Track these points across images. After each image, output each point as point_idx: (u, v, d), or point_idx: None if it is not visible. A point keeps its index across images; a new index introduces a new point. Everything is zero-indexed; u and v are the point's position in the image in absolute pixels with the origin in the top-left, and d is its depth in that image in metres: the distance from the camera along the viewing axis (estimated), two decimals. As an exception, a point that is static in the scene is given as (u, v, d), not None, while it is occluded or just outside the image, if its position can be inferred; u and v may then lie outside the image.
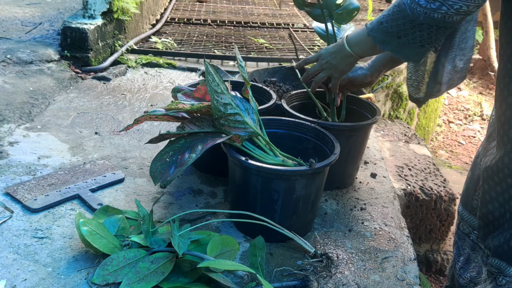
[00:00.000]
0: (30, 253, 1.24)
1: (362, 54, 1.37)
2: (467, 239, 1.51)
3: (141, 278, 1.12)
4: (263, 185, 1.31)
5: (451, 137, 4.51)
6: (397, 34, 1.19)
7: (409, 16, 1.14)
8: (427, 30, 1.14)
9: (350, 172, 1.73)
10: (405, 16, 1.15)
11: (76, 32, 2.60)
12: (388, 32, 1.20)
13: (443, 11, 1.09)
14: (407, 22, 1.15)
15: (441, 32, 1.15)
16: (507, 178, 1.20)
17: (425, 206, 2.15)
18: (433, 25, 1.13)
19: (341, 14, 1.61)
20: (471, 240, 1.49)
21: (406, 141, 2.54)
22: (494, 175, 1.24)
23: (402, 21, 1.16)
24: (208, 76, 1.26)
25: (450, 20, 1.11)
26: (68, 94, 2.35)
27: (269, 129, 1.50)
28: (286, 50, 3.20)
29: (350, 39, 1.36)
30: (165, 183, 1.23)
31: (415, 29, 1.15)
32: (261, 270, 1.22)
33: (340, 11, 1.61)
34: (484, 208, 1.29)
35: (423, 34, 1.16)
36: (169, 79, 2.67)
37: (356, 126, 1.60)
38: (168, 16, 3.84)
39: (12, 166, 1.64)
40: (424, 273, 2.31)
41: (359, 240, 1.44)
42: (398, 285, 1.27)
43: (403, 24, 1.16)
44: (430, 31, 1.14)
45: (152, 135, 1.97)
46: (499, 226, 1.26)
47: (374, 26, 1.24)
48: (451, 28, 1.16)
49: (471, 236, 1.49)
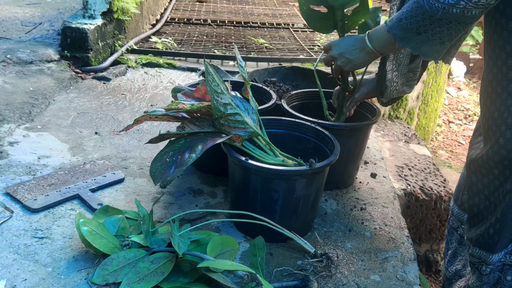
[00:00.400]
0: (30, 253, 1.24)
1: (382, 51, 1.36)
2: (455, 233, 1.54)
3: (141, 278, 1.12)
4: (263, 185, 1.31)
5: (451, 137, 4.51)
6: (417, 30, 1.18)
7: (427, 12, 1.13)
8: (447, 25, 1.14)
9: (350, 172, 1.73)
10: (424, 12, 1.14)
11: (76, 32, 2.60)
12: (408, 29, 1.19)
13: (461, 6, 1.08)
14: (426, 18, 1.15)
15: (460, 27, 1.14)
16: (493, 170, 1.24)
17: (425, 206, 2.15)
18: (452, 20, 1.12)
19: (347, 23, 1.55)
20: (459, 234, 1.52)
21: (406, 141, 2.54)
22: (481, 167, 1.28)
23: (421, 17, 1.15)
24: (208, 76, 1.26)
25: (469, 15, 1.10)
26: (68, 94, 2.35)
27: (269, 129, 1.50)
28: (286, 50, 3.20)
29: (371, 36, 1.35)
30: (165, 183, 1.23)
31: (434, 25, 1.15)
32: (261, 270, 1.22)
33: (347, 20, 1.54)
34: (471, 200, 1.33)
35: (442, 30, 1.15)
36: (169, 79, 2.67)
37: (356, 126, 1.60)
38: (168, 16, 3.84)
39: (12, 166, 1.64)
40: (424, 273, 2.31)
41: (359, 240, 1.44)
42: (398, 285, 1.27)
43: (422, 20, 1.15)
44: (449, 26, 1.14)
45: (152, 135, 1.97)
46: (483, 218, 1.30)
47: (393, 23, 1.23)
48: (471, 23, 1.15)
49: (459, 231, 1.53)
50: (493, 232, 1.27)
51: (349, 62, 1.42)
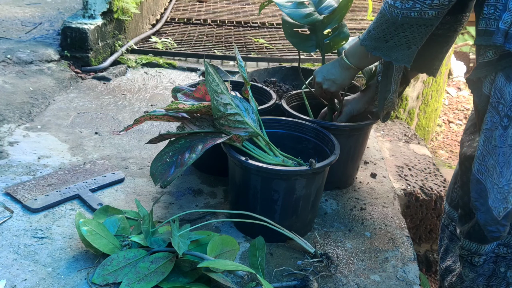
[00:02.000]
0: (30, 253, 1.24)
1: (359, 64, 1.44)
2: (446, 231, 1.57)
3: (141, 278, 1.12)
4: (263, 185, 1.31)
5: (451, 137, 4.51)
6: (384, 38, 1.25)
7: (390, 19, 1.21)
8: (409, 29, 1.20)
9: (350, 172, 1.73)
10: (387, 20, 1.21)
11: (76, 32, 2.60)
12: (377, 38, 1.27)
13: (417, 9, 1.15)
14: (390, 25, 1.22)
15: (422, 30, 1.20)
16: None
17: (425, 206, 2.15)
18: (413, 24, 1.18)
19: (329, 43, 1.65)
20: (450, 231, 1.55)
21: (406, 141, 2.54)
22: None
23: (386, 25, 1.23)
24: (208, 76, 1.26)
25: (426, 17, 1.16)
26: (68, 94, 2.35)
27: (269, 129, 1.50)
28: (286, 50, 3.20)
29: (347, 53, 1.44)
30: (166, 183, 1.23)
31: (398, 30, 1.21)
32: (261, 270, 1.22)
33: (328, 40, 1.65)
34: (466, 196, 1.35)
35: (406, 34, 1.21)
36: (169, 79, 2.67)
37: (356, 126, 1.60)
38: (168, 16, 3.84)
39: (12, 166, 1.64)
40: (424, 273, 2.31)
41: (359, 240, 1.44)
42: (398, 285, 1.27)
43: (387, 28, 1.23)
44: (412, 30, 1.20)
45: (152, 135, 1.97)
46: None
47: (364, 36, 1.32)
48: (431, 25, 1.20)
49: (450, 228, 1.55)
50: None
51: (333, 82, 1.50)
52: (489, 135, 1.18)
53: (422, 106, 3.29)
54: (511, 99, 1.12)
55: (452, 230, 1.54)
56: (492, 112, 1.17)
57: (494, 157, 1.17)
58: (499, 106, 1.15)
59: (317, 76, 1.53)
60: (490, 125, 1.18)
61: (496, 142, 1.16)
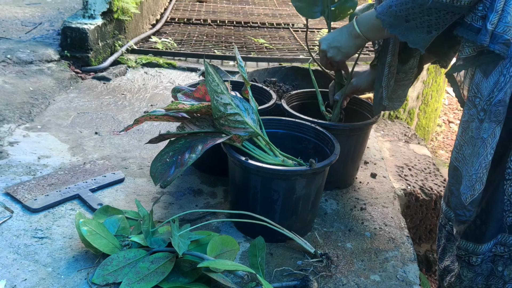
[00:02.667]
0: (30, 253, 1.24)
1: (370, 36, 1.38)
2: (443, 230, 1.57)
3: (141, 278, 1.12)
4: (263, 185, 1.31)
5: (451, 137, 4.51)
6: (405, 17, 1.20)
7: (418, 0, 1.15)
8: (435, 14, 1.16)
9: (350, 172, 1.73)
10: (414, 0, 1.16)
11: (76, 32, 2.60)
12: (397, 16, 1.21)
13: None
14: (416, 6, 1.16)
15: (448, 17, 1.16)
16: None
17: (425, 206, 2.15)
18: (441, 9, 1.14)
19: (335, 10, 1.60)
20: (447, 231, 1.55)
21: (406, 141, 2.54)
22: None
23: (411, 4, 1.17)
24: (208, 76, 1.26)
25: (458, 5, 1.12)
26: (68, 94, 2.35)
27: (269, 129, 1.50)
28: (286, 50, 3.20)
29: (359, 20, 1.37)
30: (166, 183, 1.23)
31: (424, 13, 1.17)
32: (261, 270, 1.22)
33: (334, 7, 1.60)
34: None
35: (431, 19, 1.17)
36: (169, 79, 2.67)
37: (356, 126, 1.60)
38: (168, 16, 3.84)
39: (12, 166, 1.64)
40: (424, 273, 2.31)
41: (359, 240, 1.44)
42: (398, 285, 1.27)
43: (412, 8, 1.17)
44: (438, 16, 1.16)
45: (152, 135, 1.97)
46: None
47: (383, 9, 1.25)
48: (459, 13, 1.16)
49: (447, 227, 1.56)
50: (480, 223, 1.31)
51: (339, 50, 1.44)
52: (466, 127, 1.23)
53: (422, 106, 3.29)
54: (487, 93, 1.15)
55: (449, 230, 1.55)
56: (469, 105, 1.21)
57: (471, 147, 1.21)
58: (476, 100, 1.19)
59: (322, 44, 1.47)
60: (467, 117, 1.22)
61: (473, 134, 1.20)
